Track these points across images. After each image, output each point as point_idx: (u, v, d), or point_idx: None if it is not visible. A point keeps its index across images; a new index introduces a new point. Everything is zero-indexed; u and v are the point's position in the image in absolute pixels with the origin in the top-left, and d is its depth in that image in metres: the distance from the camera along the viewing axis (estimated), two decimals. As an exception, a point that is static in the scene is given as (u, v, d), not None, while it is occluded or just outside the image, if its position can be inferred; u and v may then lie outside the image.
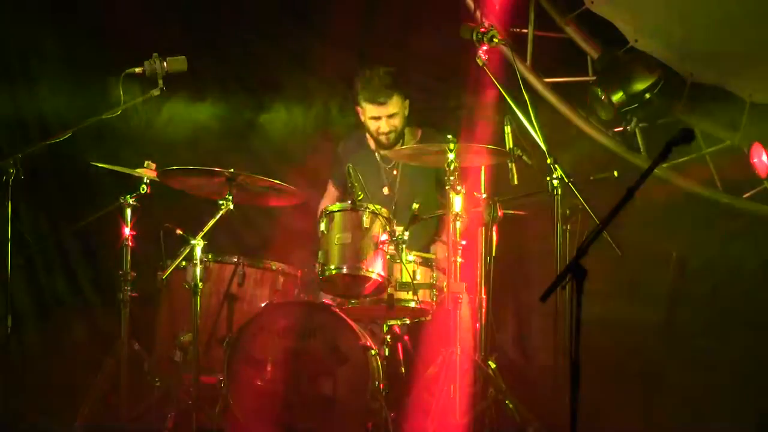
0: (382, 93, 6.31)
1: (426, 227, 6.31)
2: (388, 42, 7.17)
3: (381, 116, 6.36)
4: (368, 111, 6.39)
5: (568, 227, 5.63)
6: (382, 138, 6.42)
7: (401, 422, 5.61)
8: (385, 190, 6.47)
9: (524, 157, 5.66)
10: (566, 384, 3.67)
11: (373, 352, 5.60)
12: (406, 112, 6.44)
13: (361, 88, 6.37)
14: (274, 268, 6.07)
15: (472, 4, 6.74)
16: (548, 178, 5.57)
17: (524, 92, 5.63)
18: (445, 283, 5.61)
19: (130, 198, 5.83)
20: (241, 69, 7.40)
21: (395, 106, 6.35)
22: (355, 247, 5.61)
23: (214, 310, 5.90)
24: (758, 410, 6.26)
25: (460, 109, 6.89)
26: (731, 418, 6.30)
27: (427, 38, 7.06)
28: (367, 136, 6.60)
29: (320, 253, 5.70)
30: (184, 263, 5.69)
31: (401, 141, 6.48)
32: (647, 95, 6.51)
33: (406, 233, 5.68)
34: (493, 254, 5.73)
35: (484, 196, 5.76)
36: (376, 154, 6.54)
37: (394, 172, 6.49)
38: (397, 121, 6.39)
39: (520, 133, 5.68)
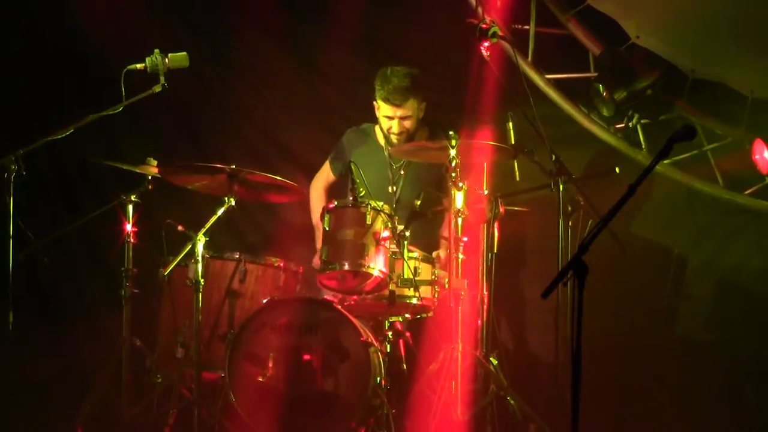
0: (399, 95, 6.29)
1: (430, 226, 6.31)
2: (389, 38, 7.16)
3: (394, 117, 6.35)
4: (383, 109, 6.38)
5: (570, 223, 5.63)
6: (393, 138, 6.42)
7: (403, 419, 5.61)
8: (390, 189, 6.46)
9: (526, 154, 5.66)
10: (567, 381, 3.67)
11: (374, 348, 5.60)
12: (421, 114, 6.44)
13: (378, 86, 6.36)
14: (275, 264, 6.08)
15: (473, 1, 6.73)
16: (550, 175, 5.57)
17: (526, 88, 5.63)
18: (446, 280, 5.61)
19: (132, 195, 5.83)
20: (243, 65, 7.39)
21: (409, 109, 6.34)
22: (356, 243, 5.62)
23: (216, 307, 5.90)
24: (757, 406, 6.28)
25: (462, 106, 6.87)
26: (731, 417, 6.30)
27: (428, 34, 7.05)
28: (377, 131, 6.59)
29: (322, 249, 5.70)
30: (185, 260, 5.69)
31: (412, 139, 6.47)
32: (649, 91, 6.50)
33: (407, 231, 5.70)
34: (495, 250, 5.73)
35: (486, 192, 5.76)
36: (385, 151, 6.53)
37: (401, 172, 6.48)
38: (409, 123, 6.38)
39: (522, 129, 5.68)
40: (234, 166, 5.76)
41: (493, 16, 6.69)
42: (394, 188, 6.45)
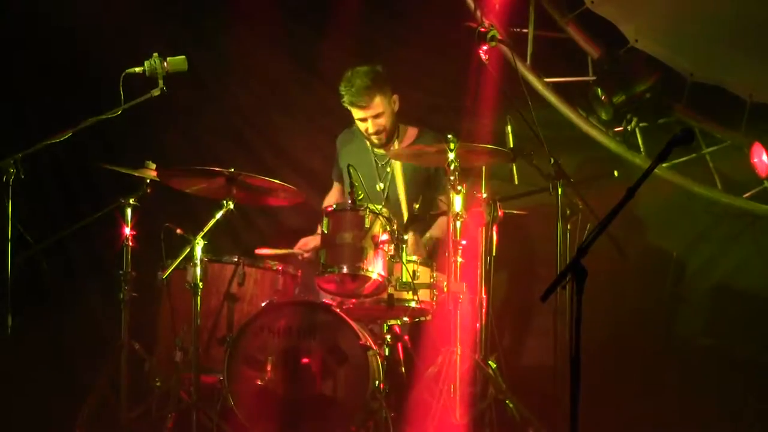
0: (363, 95, 6.29)
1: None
2: (388, 41, 7.17)
3: (366, 117, 6.36)
4: (353, 113, 6.39)
5: (569, 227, 5.63)
6: (374, 138, 6.43)
7: (401, 422, 5.61)
8: (379, 186, 6.47)
9: (524, 157, 5.66)
10: (566, 384, 3.67)
11: (372, 351, 5.60)
12: (396, 108, 6.44)
13: (343, 91, 6.35)
14: (274, 267, 6.07)
15: (472, 4, 6.74)
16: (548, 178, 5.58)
17: (525, 92, 5.64)
18: (445, 283, 5.61)
19: (131, 198, 5.83)
20: (241, 68, 7.39)
21: (379, 105, 6.34)
22: (355, 246, 5.61)
23: (214, 310, 5.89)
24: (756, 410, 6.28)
25: (461, 109, 6.88)
26: (731, 418, 6.30)
27: (427, 37, 7.06)
28: None
29: (320, 252, 5.70)
30: (184, 263, 5.68)
31: (396, 137, 6.47)
32: (647, 95, 6.51)
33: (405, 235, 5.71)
34: (494, 254, 5.73)
35: (484, 195, 5.76)
36: (370, 150, 6.54)
37: (387, 170, 6.48)
38: (383, 120, 6.39)
39: (521, 132, 5.69)
40: (232, 170, 5.76)
41: (492, 19, 6.69)
42: (382, 186, 6.46)
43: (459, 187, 5.54)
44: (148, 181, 5.87)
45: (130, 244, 5.84)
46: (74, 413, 5.74)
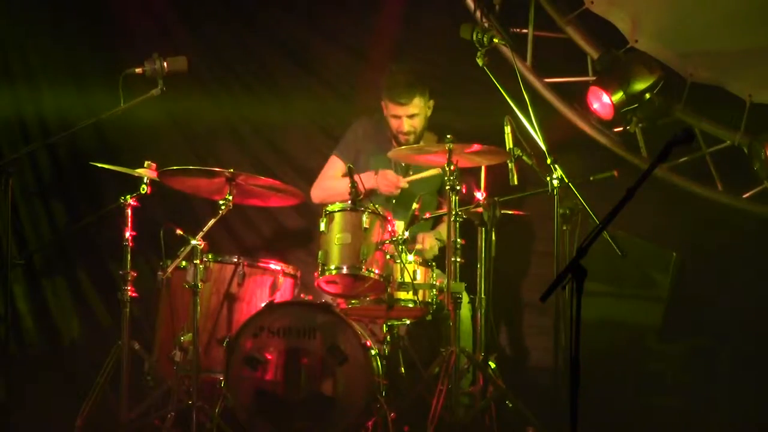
0: (405, 93, 6.31)
1: (422, 227, 6.33)
2: (388, 41, 7.17)
3: (401, 116, 6.36)
4: (390, 108, 6.39)
5: (568, 227, 5.63)
6: (401, 137, 6.41)
7: (401, 422, 5.61)
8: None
9: (524, 157, 5.67)
10: (566, 384, 3.67)
11: (373, 351, 5.61)
12: (429, 113, 6.44)
13: (385, 85, 6.38)
14: (274, 267, 6.08)
15: (472, 4, 6.74)
16: (548, 178, 5.58)
17: (524, 92, 5.64)
18: (444, 283, 5.61)
19: (130, 198, 5.83)
20: (241, 68, 7.39)
21: (416, 106, 6.35)
22: (355, 247, 5.61)
23: (214, 310, 5.90)
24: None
25: (461, 109, 6.88)
26: (731, 418, 6.30)
27: (426, 38, 7.06)
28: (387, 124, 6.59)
29: (320, 253, 5.71)
30: (184, 263, 5.68)
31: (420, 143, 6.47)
32: (647, 95, 6.50)
33: (407, 232, 5.71)
34: (493, 254, 5.73)
35: (484, 195, 5.76)
36: (393, 142, 6.53)
37: (410, 171, 6.47)
38: (417, 122, 6.38)
39: (520, 133, 5.69)
40: (232, 170, 5.76)
41: (492, 19, 6.70)
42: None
43: (458, 187, 5.55)
44: (147, 180, 5.87)
45: (130, 244, 5.84)
46: (74, 412, 5.73)
